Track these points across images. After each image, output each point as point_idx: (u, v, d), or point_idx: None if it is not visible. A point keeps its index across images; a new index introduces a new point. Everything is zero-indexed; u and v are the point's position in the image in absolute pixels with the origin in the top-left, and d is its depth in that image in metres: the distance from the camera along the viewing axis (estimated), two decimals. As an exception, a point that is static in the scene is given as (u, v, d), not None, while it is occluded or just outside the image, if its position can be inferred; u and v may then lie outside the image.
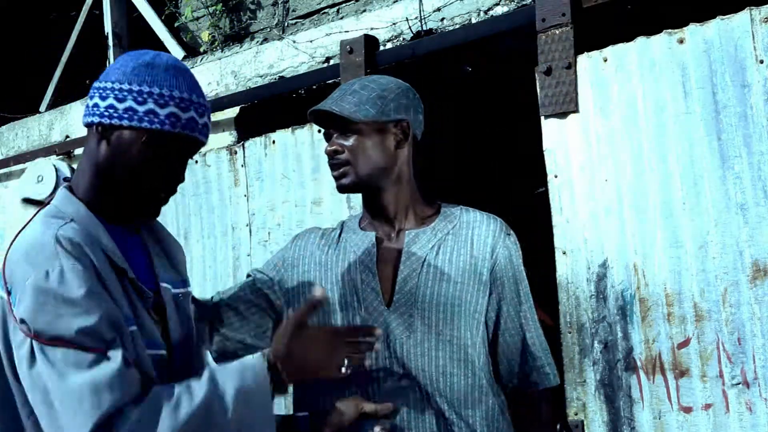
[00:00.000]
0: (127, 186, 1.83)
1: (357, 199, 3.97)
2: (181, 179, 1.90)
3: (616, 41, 3.23)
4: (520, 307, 2.32)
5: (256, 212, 4.38)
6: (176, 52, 5.26)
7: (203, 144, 1.91)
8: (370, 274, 2.22)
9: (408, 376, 2.16)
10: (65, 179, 1.95)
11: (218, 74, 4.83)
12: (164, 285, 1.93)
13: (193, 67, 4.97)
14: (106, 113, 1.79)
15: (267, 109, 4.66)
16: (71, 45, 5.94)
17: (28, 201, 5.58)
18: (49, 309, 1.63)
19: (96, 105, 1.81)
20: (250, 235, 4.39)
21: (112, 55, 5.60)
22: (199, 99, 1.85)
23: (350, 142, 2.21)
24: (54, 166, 5.39)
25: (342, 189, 2.26)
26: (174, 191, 1.90)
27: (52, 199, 1.86)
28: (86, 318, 1.63)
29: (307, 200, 4.17)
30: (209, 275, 4.55)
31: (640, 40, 3.15)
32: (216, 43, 5.07)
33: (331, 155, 2.23)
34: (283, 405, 3.02)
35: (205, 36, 5.13)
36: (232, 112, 4.70)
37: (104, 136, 1.81)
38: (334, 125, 2.24)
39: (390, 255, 2.25)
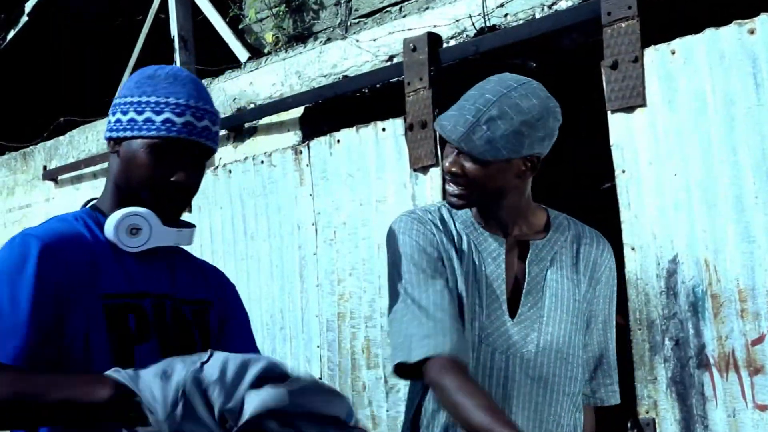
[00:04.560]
0: (138, 194, 1.86)
1: (423, 198, 3.98)
2: (191, 184, 1.88)
3: (684, 33, 3.17)
4: (606, 325, 2.28)
5: (321, 211, 4.40)
6: (241, 53, 5.31)
7: (208, 148, 1.89)
8: (496, 282, 2.14)
9: (526, 388, 2.13)
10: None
11: (282, 75, 4.87)
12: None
13: (257, 68, 5.02)
14: (114, 127, 1.86)
15: (331, 109, 4.69)
16: (138, 49, 6.04)
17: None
18: None
19: (108, 121, 1.90)
20: (316, 234, 4.41)
21: (178, 58, 5.68)
22: (197, 104, 1.85)
23: (473, 169, 2.06)
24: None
25: (453, 207, 2.16)
26: (185, 198, 1.89)
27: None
28: None
29: (372, 199, 4.18)
30: (276, 274, 4.60)
31: (709, 32, 3.10)
32: (280, 44, 5.11)
33: (451, 175, 2.09)
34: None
35: (268, 37, 5.18)
36: (297, 112, 4.73)
37: (115, 149, 1.88)
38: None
39: (512, 264, 2.18)
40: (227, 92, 5.16)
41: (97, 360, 1.72)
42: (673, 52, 3.19)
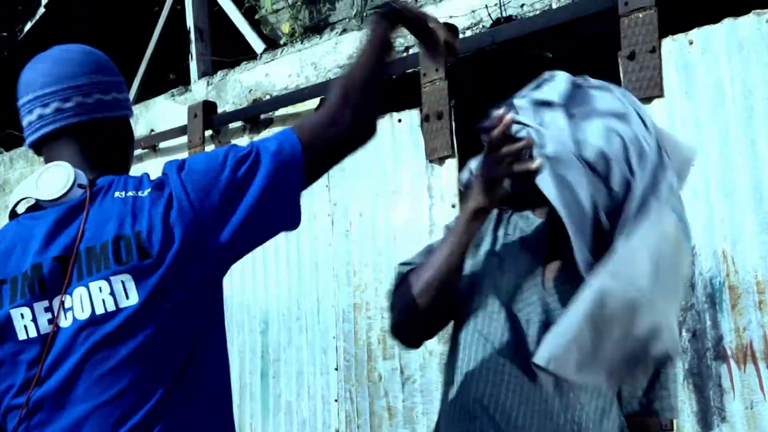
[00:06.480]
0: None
1: (439, 189, 3.97)
2: None
3: (702, 23, 3.15)
4: None
5: (337, 202, 4.40)
6: (257, 44, 5.32)
7: None
8: (534, 263, 2.07)
9: None
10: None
11: (298, 66, 4.87)
12: None
13: (273, 60, 5.02)
14: (125, 105, 1.88)
15: (347, 100, 4.67)
16: (154, 40, 6.05)
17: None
18: None
19: (117, 100, 1.86)
20: (332, 225, 4.41)
21: (194, 50, 5.68)
22: None
23: None
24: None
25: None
26: None
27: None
28: None
29: (387, 190, 4.18)
30: (292, 264, 4.60)
31: (727, 22, 3.08)
32: (296, 35, 5.11)
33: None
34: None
35: (285, 28, 5.18)
36: (313, 103, 4.72)
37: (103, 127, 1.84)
38: None
39: (553, 245, 2.11)
40: (243, 83, 5.16)
41: None
42: (691, 43, 3.18)
